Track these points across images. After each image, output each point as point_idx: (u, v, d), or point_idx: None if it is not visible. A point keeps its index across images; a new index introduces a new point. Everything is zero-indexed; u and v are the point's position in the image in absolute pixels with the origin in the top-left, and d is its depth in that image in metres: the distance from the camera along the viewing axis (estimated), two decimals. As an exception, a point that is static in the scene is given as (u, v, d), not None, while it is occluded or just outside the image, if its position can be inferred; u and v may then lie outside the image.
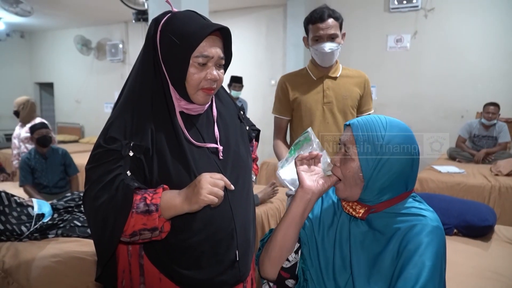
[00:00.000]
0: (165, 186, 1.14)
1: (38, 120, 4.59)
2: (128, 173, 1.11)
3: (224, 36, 1.22)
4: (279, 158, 2.20)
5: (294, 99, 2.20)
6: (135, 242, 1.18)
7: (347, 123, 1.20)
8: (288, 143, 2.32)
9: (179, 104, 1.22)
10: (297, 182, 1.27)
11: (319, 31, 2.06)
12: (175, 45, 1.15)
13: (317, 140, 1.42)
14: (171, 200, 1.10)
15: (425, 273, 1.02)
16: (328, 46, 2.07)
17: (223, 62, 1.23)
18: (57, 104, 10.07)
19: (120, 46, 8.46)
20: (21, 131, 4.64)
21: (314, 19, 2.07)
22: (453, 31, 5.87)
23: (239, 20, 7.31)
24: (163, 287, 1.23)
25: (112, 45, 8.52)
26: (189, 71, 1.16)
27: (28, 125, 4.47)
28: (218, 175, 1.12)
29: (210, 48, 1.17)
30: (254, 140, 1.62)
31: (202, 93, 1.20)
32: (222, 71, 1.24)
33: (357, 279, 1.12)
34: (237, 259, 1.29)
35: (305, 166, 1.20)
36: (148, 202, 1.08)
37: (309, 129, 1.54)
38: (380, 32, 6.36)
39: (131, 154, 1.12)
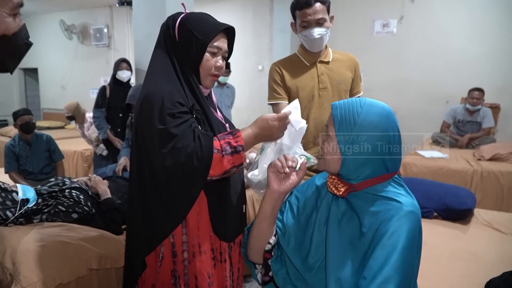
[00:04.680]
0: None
1: (88, 115, 4.83)
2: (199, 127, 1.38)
3: (228, 35, 1.52)
4: None
5: (290, 85, 2.17)
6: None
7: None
8: None
9: None
10: (262, 184, 1.49)
11: (307, 17, 2.03)
12: (194, 36, 1.42)
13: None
14: (248, 140, 1.40)
15: (394, 256, 1.06)
16: (317, 32, 2.05)
17: (226, 55, 1.53)
18: (42, 90, 9.94)
19: (105, 30, 8.32)
20: (84, 130, 4.90)
21: (301, 5, 2.04)
22: (439, 16, 5.91)
23: (225, 5, 7.25)
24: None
25: (96, 30, 8.37)
26: (204, 57, 1.44)
27: (85, 124, 4.83)
28: (284, 120, 1.44)
29: (220, 42, 1.47)
30: None
31: (211, 78, 1.49)
32: (224, 62, 1.52)
33: (330, 257, 1.18)
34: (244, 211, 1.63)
35: (276, 168, 1.28)
36: (234, 144, 1.35)
37: None
38: (367, 17, 6.37)
39: (194, 115, 1.39)
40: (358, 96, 2.23)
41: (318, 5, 2.02)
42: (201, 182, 1.35)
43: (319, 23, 2.05)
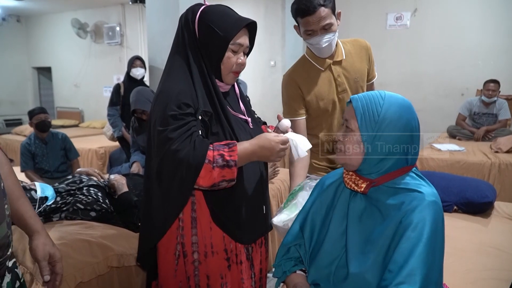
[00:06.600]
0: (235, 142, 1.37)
1: None
2: (200, 132, 1.35)
3: (249, 28, 1.46)
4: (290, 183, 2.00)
5: (309, 99, 1.98)
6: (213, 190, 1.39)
7: (349, 100, 1.25)
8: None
9: None
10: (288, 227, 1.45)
11: (311, 25, 1.80)
12: (215, 33, 1.37)
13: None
14: (244, 155, 1.35)
15: (419, 248, 1.06)
16: (324, 40, 1.83)
17: (247, 50, 1.48)
18: (56, 88, 10.02)
19: (117, 28, 8.35)
20: None
21: (302, 12, 1.79)
22: (453, 8, 5.82)
23: (237, 1, 7.22)
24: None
25: (109, 28, 8.41)
26: (226, 55, 1.40)
27: None
28: (286, 146, 1.40)
29: (242, 38, 1.42)
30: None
31: (232, 75, 1.47)
32: (245, 57, 1.48)
33: (352, 253, 1.17)
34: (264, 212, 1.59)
35: None
36: (227, 158, 1.30)
37: (303, 182, 1.66)
38: (380, 10, 6.31)
39: (200, 118, 1.36)
40: (372, 82, 2.15)
41: (321, 10, 1.76)
42: (189, 188, 1.34)
43: (325, 28, 1.81)
